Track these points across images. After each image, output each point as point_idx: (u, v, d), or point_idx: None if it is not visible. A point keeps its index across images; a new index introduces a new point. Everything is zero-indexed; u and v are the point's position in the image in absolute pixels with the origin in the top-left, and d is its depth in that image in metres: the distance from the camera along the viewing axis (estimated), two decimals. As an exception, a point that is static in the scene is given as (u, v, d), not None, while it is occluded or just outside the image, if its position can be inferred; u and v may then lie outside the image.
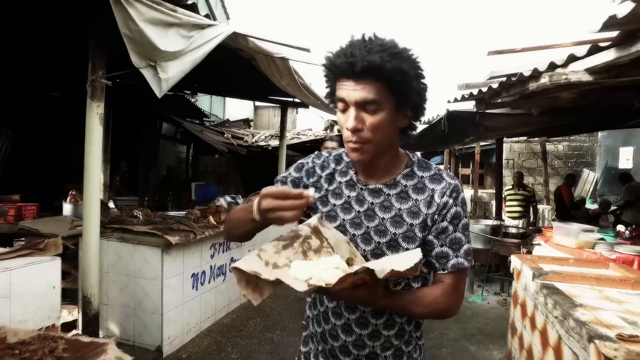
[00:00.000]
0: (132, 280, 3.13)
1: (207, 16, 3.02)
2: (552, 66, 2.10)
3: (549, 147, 10.48)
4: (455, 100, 3.46)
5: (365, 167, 1.04)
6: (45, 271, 2.19)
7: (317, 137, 8.22)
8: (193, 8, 2.89)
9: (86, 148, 2.93)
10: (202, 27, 2.97)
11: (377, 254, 0.99)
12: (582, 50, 1.93)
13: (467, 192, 11.26)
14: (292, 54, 3.58)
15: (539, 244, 4.36)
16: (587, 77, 1.97)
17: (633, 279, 2.57)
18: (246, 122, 11.52)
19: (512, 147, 10.66)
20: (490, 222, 5.84)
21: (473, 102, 3.24)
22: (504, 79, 2.54)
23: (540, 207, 8.89)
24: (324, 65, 0.95)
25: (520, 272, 3.05)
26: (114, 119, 6.35)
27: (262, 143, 8.71)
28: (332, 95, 0.98)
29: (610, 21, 1.45)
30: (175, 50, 2.85)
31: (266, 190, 0.89)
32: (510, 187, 7.11)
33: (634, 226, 4.15)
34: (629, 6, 1.31)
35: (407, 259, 0.80)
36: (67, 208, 5.40)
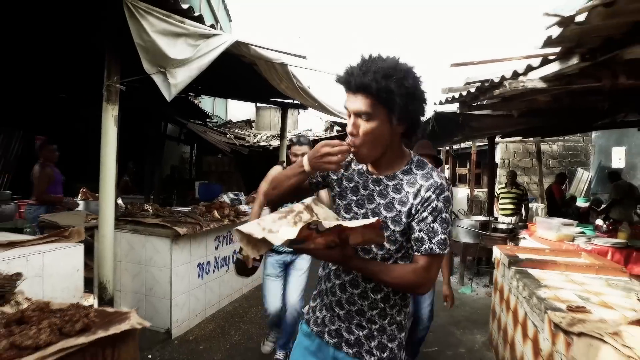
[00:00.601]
0: (143, 268, 3.41)
1: (212, 26, 3.30)
2: (515, 74, 2.37)
3: (544, 147, 10.71)
4: (441, 102, 3.74)
5: (371, 161, 1.26)
6: (70, 255, 2.47)
7: (317, 138, 8.48)
8: (199, 19, 3.16)
9: (102, 147, 3.21)
10: (208, 36, 3.24)
11: None
12: (536, 62, 2.20)
13: (464, 191, 11.50)
14: (290, 60, 3.85)
15: (524, 238, 4.62)
16: (541, 85, 2.24)
17: (598, 265, 2.83)
18: (248, 123, 11.80)
19: (507, 147, 10.90)
20: (480, 217, 6.10)
21: (457, 105, 3.52)
22: (479, 84, 2.82)
23: (534, 205, 9.13)
24: (336, 80, 1.18)
25: (499, 261, 3.32)
26: (121, 121, 6.62)
27: (264, 143, 8.98)
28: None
29: (548, 40, 1.72)
30: (183, 58, 3.12)
31: (322, 142, 1.17)
32: (504, 185, 7.35)
33: (611, 220, 4.41)
34: (558, 30, 1.58)
35: (358, 222, 1.04)
36: (80, 205, 5.70)
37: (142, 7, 2.78)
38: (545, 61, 2.12)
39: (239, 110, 16.24)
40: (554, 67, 2.03)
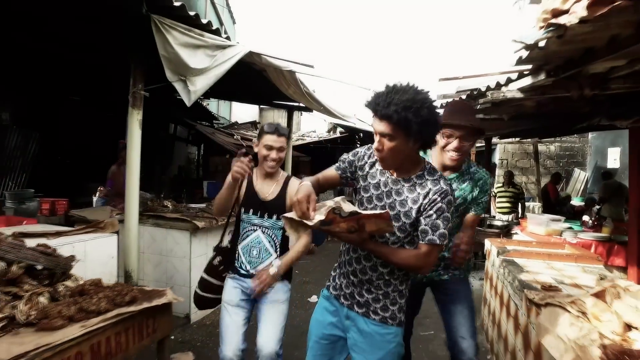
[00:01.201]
0: (164, 259, 3.73)
1: (227, 38, 3.62)
2: (498, 85, 2.68)
3: (541, 147, 10.99)
4: (440, 106, 4.04)
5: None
6: (106, 244, 2.80)
7: (321, 139, 8.80)
8: (217, 32, 3.48)
9: (128, 148, 3.53)
10: (224, 47, 3.55)
11: None
12: (515, 75, 2.52)
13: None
14: (298, 68, 4.17)
15: (516, 233, 4.93)
16: (519, 94, 2.56)
17: (577, 254, 3.14)
18: (253, 124, 12.12)
19: (506, 148, 11.20)
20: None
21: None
22: (469, 92, 3.13)
23: (531, 204, 9.42)
24: (367, 104, 1.46)
25: (490, 252, 3.63)
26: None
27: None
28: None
29: (519, 60, 2.03)
30: (202, 67, 3.44)
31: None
32: (501, 184, 7.65)
33: (596, 216, 4.71)
34: (525, 52, 1.89)
35: (371, 212, 1.40)
36: (97, 202, 6.03)
37: (168, 22, 3.10)
38: (521, 75, 2.44)
39: (242, 111, 16.60)
40: (527, 81, 2.35)
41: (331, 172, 1.73)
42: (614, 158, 10.14)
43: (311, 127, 12.97)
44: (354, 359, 1.65)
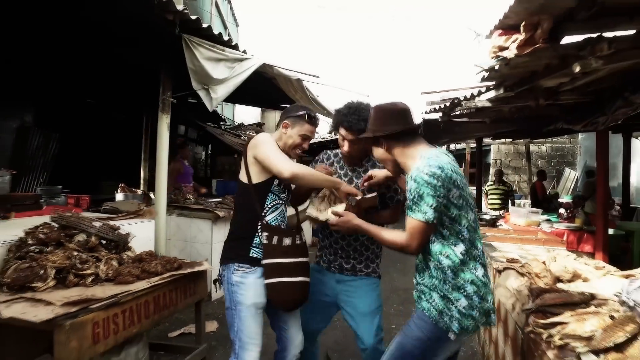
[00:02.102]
0: (188, 244, 4.27)
1: (244, 51, 4.15)
2: (472, 96, 3.21)
3: (533, 148, 11.51)
4: (427, 112, 4.59)
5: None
6: (146, 228, 3.34)
7: (323, 140, 9.32)
8: (235, 47, 4.01)
9: (157, 148, 4.05)
10: (241, 60, 4.08)
11: None
12: (483, 89, 3.06)
13: (459, 189, 12.32)
14: (305, 77, 4.70)
15: (501, 225, 5.46)
16: (488, 104, 3.09)
17: (545, 239, 3.67)
18: (259, 126, 12.64)
19: (499, 148, 11.72)
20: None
21: (440, 114, 4.36)
22: (451, 100, 3.66)
23: (522, 201, 9.94)
24: (334, 121, 2.03)
25: (472, 238, 4.15)
26: (151, 125, 7.48)
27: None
28: (336, 129, 2.09)
29: (483, 78, 2.56)
30: (223, 78, 3.96)
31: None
32: (492, 182, 8.17)
33: (571, 208, 5.24)
34: (486, 74, 2.42)
35: (370, 195, 1.93)
36: (119, 197, 6.55)
37: (195, 40, 3.63)
38: (488, 89, 2.96)
39: (245, 112, 17.11)
40: (492, 94, 2.89)
41: None
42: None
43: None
44: (352, 307, 2.09)
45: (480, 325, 1.53)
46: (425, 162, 1.51)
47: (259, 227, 1.90)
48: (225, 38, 3.89)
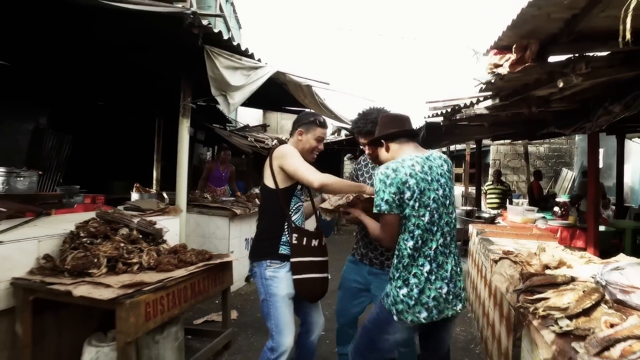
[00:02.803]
0: (207, 240, 4.57)
1: (259, 60, 4.44)
2: (471, 104, 3.51)
3: (531, 148, 11.81)
4: (429, 117, 4.90)
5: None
6: (172, 224, 3.63)
7: (328, 140, 9.63)
8: (251, 56, 4.30)
9: (178, 150, 4.34)
10: (256, 67, 4.37)
11: None
12: (482, 98, 3.36)
13: (458, 189, 12.60)
14: (314, 83, 5.00)
15: (499, 222, 5.76)
16: (485, 111, 3.40)
17: (539, 234, 3.97)
18: (263, 127, 12.95)
19: (498, 149, 12.02)
20: (465, 207, 7.24)
21: (441, 118, 4.67)
22: (452, 106, 3.98)
23: (520, 200, 10.25)
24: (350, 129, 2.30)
25: (472, 234, 4.46)
26: (164, 127, 7.78)
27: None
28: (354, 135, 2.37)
29: (481, 89, 2.86)
30: (239, 85, 4.25)
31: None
32: (491, 182, 8.48)
33: (566, 207, 5.54)
34: (484, 86, 2.72)
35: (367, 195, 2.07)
36: (134, 196, 6.85)
37: (216, 50, 3.92)
38: (486, 98, 3.27)
39: (247, 113, 17.41)
40: (489, 102, 3.19)
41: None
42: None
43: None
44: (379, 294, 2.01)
45: (418, 316, 1.69)
46: (389, 163, 1.76)
47: (286, 227, 2.14)
48: (226, 37, 4.02)
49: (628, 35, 1.22)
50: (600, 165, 10.81)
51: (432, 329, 1.84)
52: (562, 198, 10.44)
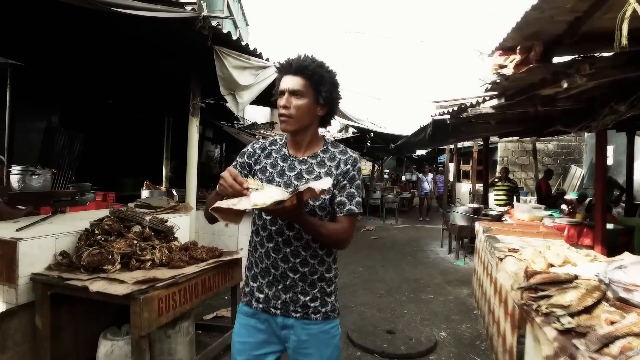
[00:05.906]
0: (216, 237, 4.64)
1: (267, 59, 4.49)
2: (478, 103, 3.53)
3: (540, 145, 11.74)
4: (437, 115, 4.93)
5: (293, 143, 1.48)
6: (183, 221, 3.71)
7: (335, 137, 9.66)
8: (260, 56, 4.36)
9: (188, 148, 4.42)
10: (265, 67, 4.43)
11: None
12: (487, 98, 3.38)
13: (466, 186, 12.59)
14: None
15: (505, 220, 5.77)
16: (491, 111, 3.41)
17: (545, 232, 3.99)
18: (271, 125, 13.01)
19: (506, 146, 11.96)
20: (472, 205, 7.25)
21: (448, 117, 4.69)
22: (458, 105, 4.00)
23: (528, 197, 10.21)
24: (276, 67, 1.44)
25: (478, 231, 4.48)
26: (173, 126, 7.87)
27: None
28: (277, 89, 1.43)
29: (486, 89, 2.88)
30: (248, 84, 4.32)
31: (224, 172, 1.26)
32: (498, 179, 8.46)
33: (573, 204, 5.53)
34: (490, 86, 2.74)
35: (321, 183, 1.19)
36: (144, 194, 6.97)
37: (225, 51, 3.98)
38: (492, 97, 3.29)
39: (255, 111, 17.50)
40: (494, 102, 3.21)
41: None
42: (608, 155, 10.86)
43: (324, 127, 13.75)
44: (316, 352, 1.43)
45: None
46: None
47: None
48: (235, 37, 3.95)
49: (624, 41, 1.25)
50: (610, 162, 10.73)
51: None
52: (571, 196, 10.38)
